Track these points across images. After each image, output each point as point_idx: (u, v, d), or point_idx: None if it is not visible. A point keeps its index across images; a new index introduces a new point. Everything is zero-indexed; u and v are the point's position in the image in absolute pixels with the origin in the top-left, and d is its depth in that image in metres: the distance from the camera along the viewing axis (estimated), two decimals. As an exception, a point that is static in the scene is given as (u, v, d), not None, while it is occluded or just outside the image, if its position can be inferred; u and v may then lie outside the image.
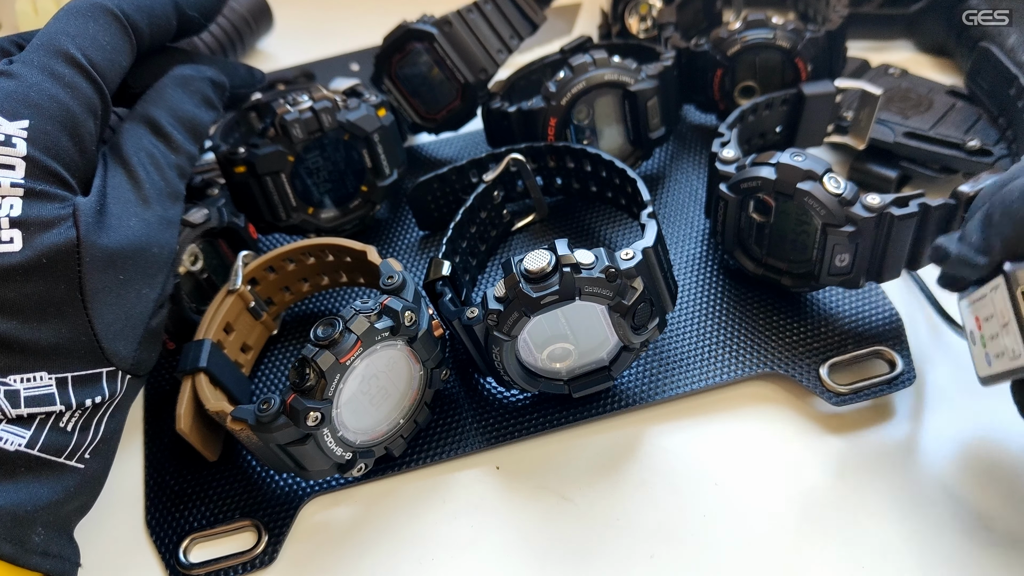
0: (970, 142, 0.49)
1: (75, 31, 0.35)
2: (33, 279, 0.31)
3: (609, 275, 0.35)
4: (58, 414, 0.32)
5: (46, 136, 0.33)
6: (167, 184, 0.37)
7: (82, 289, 0.32)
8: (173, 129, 0.39)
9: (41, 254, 0.31)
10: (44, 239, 0.31)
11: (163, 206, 0.36)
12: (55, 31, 0.35)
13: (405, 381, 0.39)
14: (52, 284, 0.32)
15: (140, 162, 0.36)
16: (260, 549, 0.38)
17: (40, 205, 0.32)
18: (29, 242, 0.31)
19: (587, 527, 0.38)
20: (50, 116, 0.33)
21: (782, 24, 0.52)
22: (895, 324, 0.44)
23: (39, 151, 0.32)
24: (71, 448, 0.32)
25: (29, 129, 0.32)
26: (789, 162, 0.40)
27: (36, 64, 0.34)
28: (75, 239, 0.32)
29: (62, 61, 0.34)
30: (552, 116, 0.49)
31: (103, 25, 0.36)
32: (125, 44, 0.37)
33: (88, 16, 0.36)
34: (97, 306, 0.33)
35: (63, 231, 0.32)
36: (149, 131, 0.38)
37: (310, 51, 0.72)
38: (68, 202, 0.33)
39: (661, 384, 0.42)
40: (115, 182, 0.35)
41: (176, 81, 0.40)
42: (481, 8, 0.53)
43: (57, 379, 0.32)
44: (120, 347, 0.34)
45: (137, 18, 0.38)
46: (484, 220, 0.48)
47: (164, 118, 0.39)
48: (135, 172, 0.36)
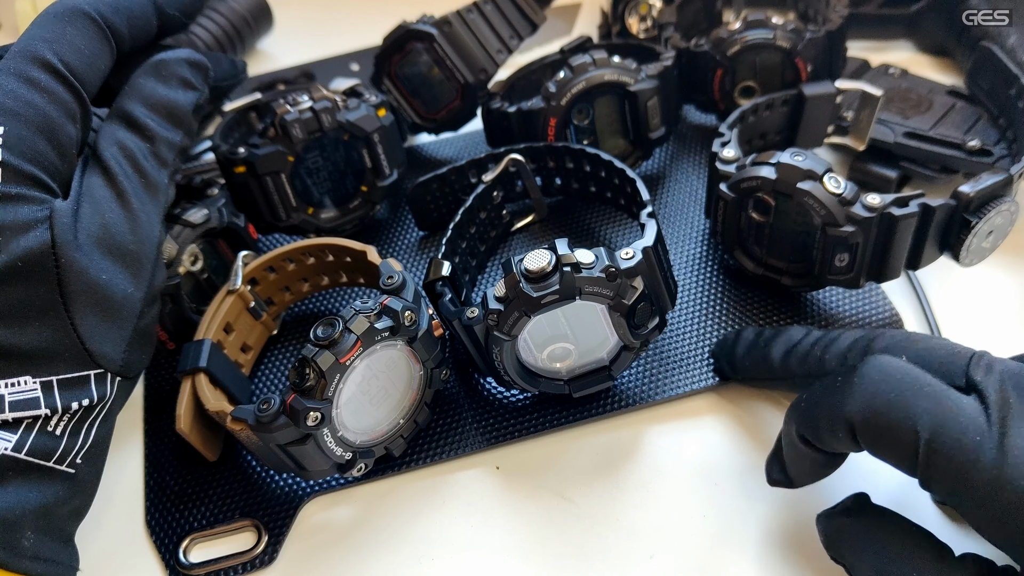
0: (970, 142, 0.49)
1: (51, 36, 0.35)
2: (11, 283, 0.31)
3: (609, 275, 0.35)
4: (45, 418, 0.32)
5: (21, 141, 0.33)
6: (142, 176, 0.37)
7: (62, 292, 0.32)
8: (146, 118, 0.38)
9: (17, 258, 0.31)
10: (20, 243, 0.31)
11: (139, 200, 0.36)
12: (31, 37, 0.35)
13: (405, 381, 0.39)
14: (31, 287, 0.32)
15: (113, 156, 0.36)
16: (260, 549, 0.38)
17: (16, 209, 0.32)
18: (6, 246, 0.31)
19: (587, 527, 0.38)
20: (26, 121, 0.33)
21: (782, 24, 0.52)
22: (895, 324, 0.44)
23: (14, 156, 0.32)
24: (60, 452, 0.32)
25: (4, 135, 0.32)
26: (789, 162, 0.40)
27: (12, 71, 0.34)
28: (50, 242, 0.32)
29: (38, 67, 0.34)
30: (552, 116, 0.49)
31: (80, 28, 0.36)
32: (104, 47, 0.37)
33: (65, 20, 0.36)
34: (79, 308, 0.32)
35: (39, 234, 0.32)
36: (122, 124, 0.37)
37: (310, 51, 0.72)
38: (46, 205, 0.33)
39: (661, 384, 0.42)
40: (90, 182, 0.35)
41: (147, 69, 0.39)
42: (481, 8, 0.53)
43: (42, 383, 0.32)
44: (107, 348, 0.33)
45: (115, 20, 0.38)
46: (483, 220, 0.48)
47: (136, 108, 0.38)
48: (109, 168, 0.36)
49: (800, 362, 0.36)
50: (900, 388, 0.29)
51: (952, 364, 0.31)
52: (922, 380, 0.29)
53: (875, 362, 0.31)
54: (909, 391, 0.29)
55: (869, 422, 0.29)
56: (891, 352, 0.32)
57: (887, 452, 0.29)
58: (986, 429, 0.27)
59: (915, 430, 0.28)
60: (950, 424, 0.28)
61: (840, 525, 0.32)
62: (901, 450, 0.29)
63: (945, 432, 0.28)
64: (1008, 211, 0.40)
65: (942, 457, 0.27)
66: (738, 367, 0.40)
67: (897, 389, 0.29)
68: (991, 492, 0.26)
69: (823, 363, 0.35)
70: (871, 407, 0.29)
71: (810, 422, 0.32)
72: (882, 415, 0.29)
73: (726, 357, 0.41)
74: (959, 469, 0.27)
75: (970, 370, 0.30)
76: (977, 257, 0.41)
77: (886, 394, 0.29)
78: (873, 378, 0.30)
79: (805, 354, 0.36)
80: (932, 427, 0.28)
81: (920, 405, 0.28)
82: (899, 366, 0.30)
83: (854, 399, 0.30)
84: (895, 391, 0.29)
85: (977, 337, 0.43)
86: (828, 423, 0.31)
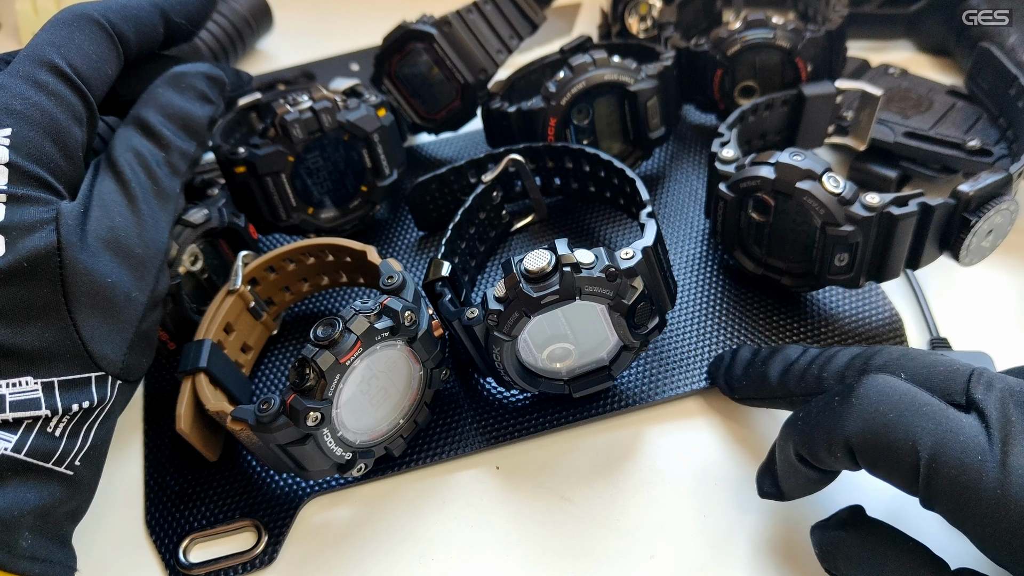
0: (970, 142, 0.49)
1: (60, 41, 0.36)
2: (15, 283, 0.31)
3: (609, 274, 0.35)
4: (45, 419, 0.32)
5: (28, 142, 0.33)
6: (154, 183, 0.37)
7: (65, 293, 0.32)
8: (163, 127, 0.38)
9: (22, 258, 0.31)
10: (26, 243, 0.31)
11: (149, 206, 0.36)
12: (40, 42, 0.36)
13: (405, 381, 0.39)
14: (34, 288, 0.32)
15: (127, 162, 0.36)
16: (260, 549, 0.38)
17: (23, 210, 0.32)
18: (12, 247, 0.31)
19: (587, 527, 0.38)
20: (33, 123, 0.33)
21: (782, 24, 0.52)
22: (895, 324, 0.44)
23: (21, 157, 0.33)
24: (60, 454, 0.32)
25: (11, 136, 0.33)
26: (788, 161, 0.40)
27: (20, 74, 0.34)
28: (55, 243, 0.32)
29: (45, 70, 0.35)
30: (552, 116, 0.49)
31: (88, 34, 0.37)
32: (111, 52, 0.38)
33: (73, 26, 0.37)
34: (81, 310, 0.33)
35: (44, 235, 0.32)
36: (138, 131, 0.38)
37: (310, 51, 0.72)
38: (52, 206, 0.33)
39: (661, 384, 0.42)
40: (102, 186, 0.35)
41: (167, 80, 0.40)
42: (481, 8, 0.53)
43: (43, 384, 0.32)
44: (108, 351, 0.34)
45: (123, 27, 0.38)
46: (483, 221, 0.48)
47: (153, 116, 0.38)
48: (122, 173, 0.36)
49: (798, 380, 0.36)
50: (899, 408, 0.29)
51: (951, 382, 0.30)
52: (921, 399, 0.29)
53: (873, 382, 0.30)
54: (908, 411, 0.29)
55: (868, 443, 0.29)
56: (889, 370, 0.32)
57: (887, 473, 0.29)
58: (987, 448, 0.27)
59: (916, 450, 0.28)
60: (951, 444, 0.27)
61: (835, 539, 0.32)
62: (902, 471, 0.28)
63: (946, 452, 0.27)
64: (1008, 210, 0.40)
65: (944, 478, 0.27)
66: (735, 387, 0.39)
67: (896, 409, 0.29)
68: (995, 512, 0.26)
69: (821, 381, 0.35)
70: (870, 428, 0.29)
71: (807, 442, 0.31)
72: (881, 436, 0.29)
73: (723, 377, 0.40)
74: (961, 489, 0.27)
75: (970, 388, 0.30)
76: (977, 256, 0.41)
77: (885, 414, 0.29)
78: (872, 398, 0.30)
79: (803, 372, 0.36)
80: (933, 447, 0.28)
81: (920, 425, 0.28)
82: (897, 385, 0.30)
83: (852, 419, 0.30)
84: (894, 411, 0.29)
85: (977, 337, 0.43)
86: (826, 443, 0.30)
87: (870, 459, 0.29)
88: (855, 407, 0.30)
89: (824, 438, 0.31)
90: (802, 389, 0.35)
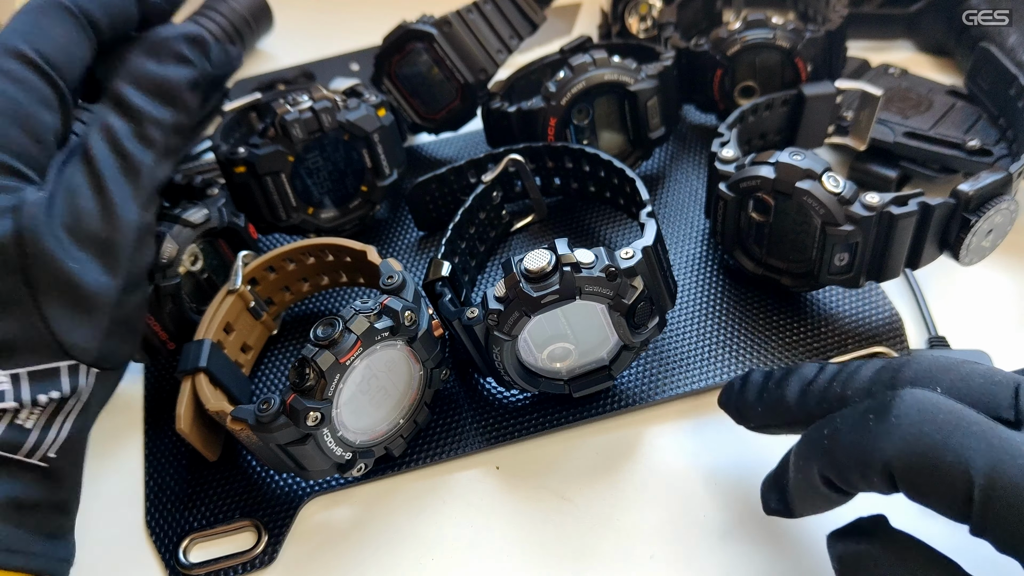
0: (970, 142, 0.49)
1: (25, 28, 0.35)
2: None
3: (609, 274, 0.35)
4: (15, 411, 0.31)
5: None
6: (123, 158, 0.36)
7: (29, 282, 0.32)
8: (134, 97, 0.37)
9: None
10: None
11: (116, 184, 0.35)
12: (5, 31, 0.35)
13: (405, 381, 0.39)
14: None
15: (95, 141, 0.35)
16: (260, 549, 0.38)
17: None
18: None
19: (587, 527, 0.38)
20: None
21: (782, 24, 0.52)
22: (895, 324, 0.44)
23: None
24: (31, 445, 0.32)
25: None
26: (788, 161, 0.40)
27: None
28: (13, 231, 0.31)
29: (10, 57, 0.34)
30: (552, 116, 0.49)
31: (55, 19, 0.36)
32: (81, 36, 0.37)
33: (39, 12, 0.36)
34: (48, 298, 0.32)
35: (2, 224, 0.31)
36: (110, 106, 0.37)
37: (310, 51, 0.72)
38: (16, 193, 0.32)
39: (661, 384, 0.42)
40: (69, 170, 0.35)
41: (140, 46, 0.39)
42: (481, 8, 0.53)
43: (11, 375, 0.31)
44: (79, 339, 0.33)
45: (92, 9, 0.37)
46: (483, 221, 0.48)
47: (124, 88, 0.37)
48: (88, 153, 0.35)
49: (819, 401, 0.32)
50: (945, 428, 0.26)
51: (994, 395, 0.28)
52: (968, 418, 0.26)
53: (912, 398, 0.27)
54: (956, 431, 0.26)
55: (913, 467, 0.26)
56: (921, 384, 0.29)
57: (934, 500, 0.26)
58: None
59: (968, 475, 0.25)
60: (1008, 467, 0.25)
61: (859, 552, 0.29)
62: (952, 497, 0.26)
63: (1004, 477, 0.25)
64: (1008, 209, 0.40)
65: (1002, 504, 0.25)
66: (750, 415, 0.35)
67: (942, 429, 0.26)
68: None
69: (846, 401, 0.31)
70: (914, 451, 0.26)
71: (836, 464, 0.29)
72: (928, 459, 0.26)
73: (734, 406, 0.36)
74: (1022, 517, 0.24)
75: (1019, 402, 0.27)
76: (977, 256, 0.41)
77: (931, 435, 0.26)
78: (912, 417, 0.27)
79: (823, 392, 0.32)
80: (988, 471, 0.25)
81: (971, 446, 0.25)
82: (939, 402, 0.27)
83: (892, 441, 0.27)
84: (940, 431, 0.26)
85: (976, 338, 0.43)
86: (860, 467, 0.28)
87: (914, 485, 0.27)
88: (894, 427, 0.27)
89: (857, 461, 0.28)
90: (824, 411, 0.32)
